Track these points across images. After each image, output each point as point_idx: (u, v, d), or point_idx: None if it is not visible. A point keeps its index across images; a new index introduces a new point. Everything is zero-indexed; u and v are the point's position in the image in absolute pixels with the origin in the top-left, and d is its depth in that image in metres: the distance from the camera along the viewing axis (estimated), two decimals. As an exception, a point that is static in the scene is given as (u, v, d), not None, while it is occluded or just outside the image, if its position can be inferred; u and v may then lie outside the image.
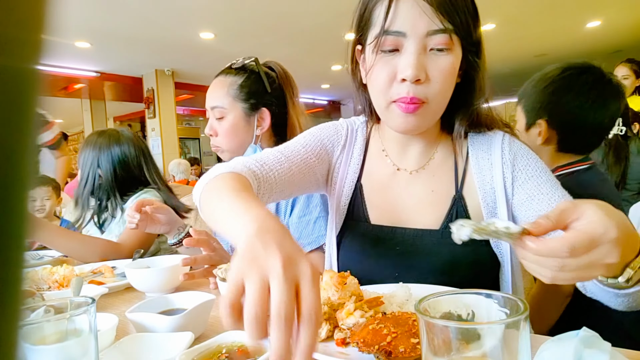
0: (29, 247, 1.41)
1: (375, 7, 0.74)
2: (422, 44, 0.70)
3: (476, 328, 0.36)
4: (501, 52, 6.75)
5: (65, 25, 4.60)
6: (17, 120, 0.14)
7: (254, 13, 4.75)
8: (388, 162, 0.89)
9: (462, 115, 0.82)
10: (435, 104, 0.75)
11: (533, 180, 0.77)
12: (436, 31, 0.69)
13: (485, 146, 0.83)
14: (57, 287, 1.06)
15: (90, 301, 0.52)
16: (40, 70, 0.14)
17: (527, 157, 0.80)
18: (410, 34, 0.70)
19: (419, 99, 0.72)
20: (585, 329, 0.49)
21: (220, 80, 1.27)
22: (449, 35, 0.70)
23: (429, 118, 0.77)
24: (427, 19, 0.69)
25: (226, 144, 1.26)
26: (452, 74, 0.73)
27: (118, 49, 5.79)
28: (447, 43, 0.70)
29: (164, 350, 0.64)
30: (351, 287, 0.70)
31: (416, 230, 0.82)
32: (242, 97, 1.24)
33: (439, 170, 0.85)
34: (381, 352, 0.54)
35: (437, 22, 0.69)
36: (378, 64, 0.75)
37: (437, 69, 0.71)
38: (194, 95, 8.43)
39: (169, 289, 1.02)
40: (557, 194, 0.75)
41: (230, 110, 1.24)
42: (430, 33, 0.70)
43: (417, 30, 0.70)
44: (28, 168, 0.14)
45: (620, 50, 6.82)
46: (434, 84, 0.72)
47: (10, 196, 0.14)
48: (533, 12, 5.19)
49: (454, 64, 0.73)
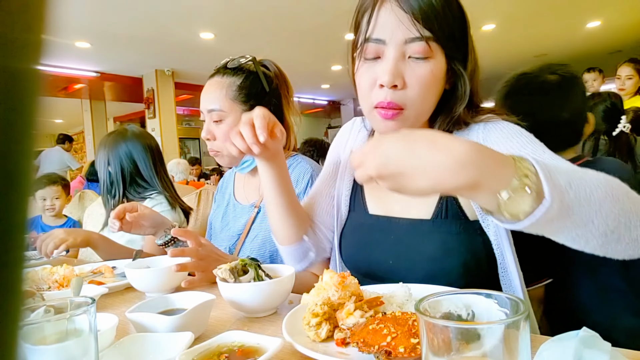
0: (29, 247, 1.41)
1: (364, 15, 0.78)
2: (401, 51, 0.73)
3: (476, 328, 0.36)
4: (501, 52, 6.75)
5: (65, 25, 4.60)
6: (17, 121, 0.14)
7: (254, 13, 4.76)
8: None
9: (440, 121, 0.84)
10: (414, 110, 0.76)
11: (502, 149, 0.75)
12: (413, 39, 0.71)
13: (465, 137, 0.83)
14: (57, 287, 1.06)
15: (90, 301, 0.52)
16: (40, 70, 0.14)
17: (500, 130, 0.79)
18: (389, 41, 0.73)
19: (397, 104, 0.75)
20: (585, 329, 0.49)
21: (217, 81, 1.21)
22: (427, 43, 0.71)
23: (409, 124, 0.78)
24: (405, 28, 0.71)
25: (226, 148, 1.20)
26: (431, 81, 0.74)
27: (118, 49, 5.79)
28: (424, 51, 0.72)
29: (164, 350, 0.64)
30: (351, 287, 0.70)
31: (409, 220, 0.86)
32: (241, 98, 1.20)
33: None
34: (381, 352, 0.54)
35: (413, 31, 0.71)
36: (361, 69, 0.78)
37: (415, 76, 0.73)
38: (194, 95, 8.42)
39: (169, 289, 1.03)
40: (527, 150, 0.73)
41: (229, 113, 1.19)
42: (407, 41, 0.72)
43: (395, 38, 0.72)
44: (28, 168, 0.14)
45: (620, 50, 6.82)
46: (411, 91, 0.74)
47: (11, 196, 0.14)
48: (533, 12, 5.19)
49: (434, 72, 0.74)
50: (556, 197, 0.50)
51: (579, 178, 0.53)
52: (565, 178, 0.52)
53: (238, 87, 1.20)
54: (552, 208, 0.50)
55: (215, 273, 0.84)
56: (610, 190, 0.54)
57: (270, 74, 1.26)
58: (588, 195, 0.52)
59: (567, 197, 0.51)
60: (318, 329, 0.64)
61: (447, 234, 0.81)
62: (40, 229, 2.55)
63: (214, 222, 1.43)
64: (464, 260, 0.79)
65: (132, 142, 1.63)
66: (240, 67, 1.22)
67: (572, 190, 0.51)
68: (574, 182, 0.52)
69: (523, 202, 0.50)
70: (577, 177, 0.53)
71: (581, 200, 0.52)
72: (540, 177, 0.50)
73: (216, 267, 0.85)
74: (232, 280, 0.82)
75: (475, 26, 0.80)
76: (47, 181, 2.60)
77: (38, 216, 2.62)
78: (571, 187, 0.52)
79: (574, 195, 0.51)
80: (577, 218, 0.52)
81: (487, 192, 0.50)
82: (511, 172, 0.50)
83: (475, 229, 0.81)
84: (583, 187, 0.52)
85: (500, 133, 0.79)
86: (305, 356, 0.60)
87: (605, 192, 0.53)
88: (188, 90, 7.95)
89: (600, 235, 0.54)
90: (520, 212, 0.50)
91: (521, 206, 0.50)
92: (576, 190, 0.52)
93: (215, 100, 1.19)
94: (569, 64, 1.23)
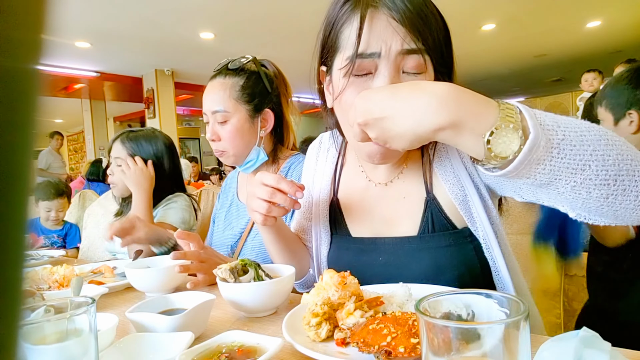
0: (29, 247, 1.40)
1: (343, 29, 0.71)
2: (395, 65, 0.67)
3: (476, 328, 0.36)
4: (501, 52, 6.75)
5: (65, 25, 4.60)
6: (17, 120, 0.14)
7: (254, 13, 4.76)
8: (364, 177, 0.90)
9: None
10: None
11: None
12: (409, 51, 0.66)
13: (444, 145, 0.82)
14: (57, 287, 1.06)
15: (90, 301, 0.52)
16: (40, 70, 0.14)
17: None
18: (383, 54, 0.67)
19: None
20: (585, 329, 0.49)
21: (220, 82, 1.22)
22: (422, 57, 0.67)
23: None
24: (400, 39, 0.66)
25: (232, 147, 1.22)
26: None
27: (118, 49, 5.79)
28: (420, 66, 0.68)
29: (164, 350, 0.64)
30: (351, 287, 0.70)
31: (395, 239, 0.82)
32: (244, 98, 1.21)
33: (408, 178, 0.85)
34: (381, 352, 0.54)
35: (409, 42, 0.66)
36: (349, 88, 0.70)
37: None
38: (194, 95, 8.42)
39: (169, 289, 1.03)
40: None
41: (234, 113, 1.20)
42: (403, 52, 0.66)
43: (389, 51, 0.66)
44: (28, 168, 0.14)
45: (620, 50, 6.82)
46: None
47: (11, 195, 0.14)
48: (533, 12, 5.19)
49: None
50: (541, 133, 0.48)
51: (567, 121, 0.51)
52: (551, 119, 0.51)
53: (241, 87, 1.21)
54: (538, 144, 0.48)
55: (215, 273, 0.84)
56: (604, 134, 0.51)
57: (270, 73, 1.28)
58: (579, 136, 0.50)
59: (555, 136, 0.49)
60: (318, 329, 0.64)
61: (436, 249, 0.78)
62: (40, 232, 2.55)
63: (217, 220, 1.44)
64: (458, 274, 0.77)
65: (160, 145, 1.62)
66: (241, 67, 1.23)
67: (559, 129, 0.50)
68: (562, 123, 0.51)
69: (510, 141, 0.49)
70: (566, 120, 0.52)
71: (572, 140, 0.50)
72: (524, 116, 0.50)
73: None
74: (232, 280, 0.83)
75: (475, 26, 0.80)
76: (55, 193, 2.58)
77: (37, 219, 2.61)
78: (559, 126, 0.50)
79: (562, 134, 0.50)
80: (570, 160, 0.49)
81: (471, 133, 0.50)
82: (494, 112, 0.50)
83: (465, 237, 0.79)
84: (572, 127, 0.50)
85: None
86: (305, 356, 0.60)
87: (598, 135, 0.51)
88: (188, 90, 7.96)
89: (602, 183, 0.50)
90: (509, 152, 0.49)
91: (509, 145, 0.49)
92: (564, 129, 0.50)
93: (219, 102, 1.20)
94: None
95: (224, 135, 1.22)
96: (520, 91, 10.56)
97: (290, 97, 1.34)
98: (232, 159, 1.25)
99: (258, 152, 1.25)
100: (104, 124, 8.74)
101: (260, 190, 0.79)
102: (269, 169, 1.30)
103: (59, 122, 11.69)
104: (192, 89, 7.95)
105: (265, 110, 1.25)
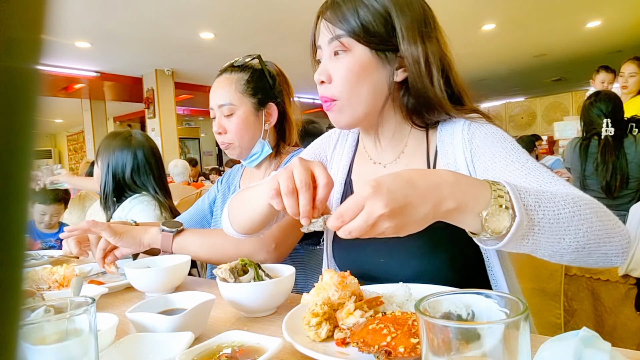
0: (29, 247, 1.41)
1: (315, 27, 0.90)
2: (328, 52, 0.85)
3: (476, 328, 0.36)
4: (501, 52, 6.75)
5: (65, 25, 4.60)
6: (17, 121, 0.14)
7: (254, 13, 4.76)
8: (368, 159, 0.97)
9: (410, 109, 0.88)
10: (347, 100, 0.84)
11: (488, 152, 0.80)
12: (331, 39, 0.83)
13: (449, 132, 0.87)
14: (57, 287, 1.06)
15: (90, 301, 0.52)
16: (40, 70, 0.14)
17: (485, 133, 0.82)
18: (322, 45, 0.86)
19: (326, 97, 0.86)
20: (585, 329, 0.49)
21: (226, 77, 1.28)
22: (338, 40, 0.82)
23: (348, 113, 0.86)
24: (328, 32, 0.83)
25: (238, 139, 1.26)
26: (349, 71, 0.83)
27: (118, 49, 5.79)
28: (338, 46, 0.83)
29: (164, 350, 0.64)
30: (351, 287, 0.70)
31: None
32: (249, 92, 1.26)
33: (412, 159, 0.91)
34: (381, 352, 0.54)
35: (329, 33, 0.83)
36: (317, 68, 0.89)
37: (335, 70, 0.84)
38: (194, 95, 8.42)
39: (169, 289, 1.03)
40: (512, 158, 0.76)
41: (239, 106, 1.25)
42: (329, 41, 0.84)
43: (322, 43, 0.86)
44: (28, 168, 0.14)
45: (620, 50, 6.82)
46: (335, 83, 0.84)
47: (10, 196, 0.14)
48: (533, 12, 5.19)
49: (351, 63, 0.83)
50: (525, 214, 0.56)
51: (547, 199, 0.59)
52: (534, 198, 0.59)
53: (246, 81, 1.26)
54: (522, 225, 0.56)
55: (216, 273, 0.84)
56: (578, 209, 0.60)
57: (272, 71, 1.33)
58: (557, 214, 0.59)
59: (536, 215, 0.58)
60: (318, 329, 0.64)
61: (432, 229, 0.80)
62: (36, 236, 2.55)
63: (216, 211, 1.46)
64: (450, 254, 0.83)
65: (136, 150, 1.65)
66: (246, 64, 1.29)
67: (540, 209, 0.58)
68: (543, 202, 0.59)
69: (502, 219, 0.56)
70: (546, 198, 0.59)
71: (550, 218, 0.58)
72: (511, 196, 0.57)
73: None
74: (232, 280, 0.83)
75: (475, 26, 0.81)
76: (53, 199, 2.56)
77: (31, 221, 2.61)
78: (539, 206, 0.58)
79: (542, 214, 0.58)
80: (549, 235, 0.59)
81: (471, 213, 0.57)
82: (488, 194, 0.57)
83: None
84: (551, 206, 0.59)
85: (485, 136, 0.82)
86: (305, 356, 0.60)
87: (572, 211, 0.59)
88: (188, 90, 7.95)
89: (573, 251, 0.61)
90: (502, 228, 0.56)
91: (502, 222, 0.56)
92: (544, 208, 0.58)
93: (226, 96, 1.25)
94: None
95: (230, 128, 1.26)
96: (520, 91, 10.56)
97: (292, 96, 1.39)
98: (237, 150, 1.29)
99: (263, 145, 1.28)
100: (104, 124, 8.74)
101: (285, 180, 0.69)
102: (271, 163, 1.34)
103: (59, 122, 11.70)
104: (192, 89, 7.95)
105: (270, 104, 1.29)
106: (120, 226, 1.16)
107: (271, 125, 1.30)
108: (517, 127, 9.54)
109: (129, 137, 1.68)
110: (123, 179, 1.64)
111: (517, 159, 0.76)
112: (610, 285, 2.08)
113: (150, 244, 1.16)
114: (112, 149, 1.64)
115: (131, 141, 1.66)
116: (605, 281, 2.08)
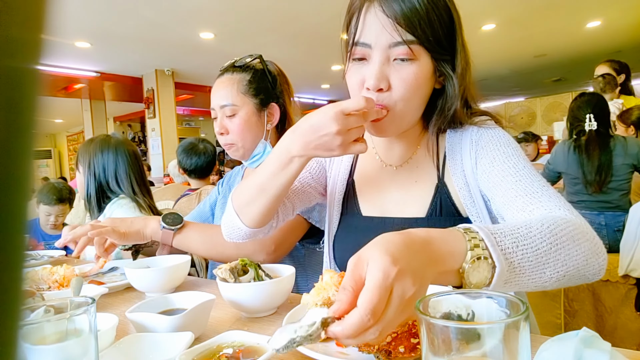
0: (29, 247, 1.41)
1: (353, 17, 0.79)
2: (385, 55, 0.75)
3: (476, 328, 0.36)
4: (501, 53, 6.74)
5: (65, 25, 4.60)
6: (17, 120, 0.14)
7: (254, 13, 4.75)
8: (377, 159, 0.95)
9: (435, 119, 0.85)
10: (399, 111, 0.77)
11: (489, 156, 0.79)
12: (397, 43, 0.73)
13: (458, 137, 0.86)
14: (57, 287, 1.06)
15: (90, 301, 0.52)
16: (40, 70, 0.14)
17: (490, 136, 0.82)
18: (374, 45, 0.75)
19: (383, 106, 0.76)
20: (585, 329, 0.49)
21: (228, 77, 1.27)
22: (409, 47, 0.73)
23: (396, 124, 0.80)
24: (387, 33, 0.73)
25: (240, 140, 1.26)
26: (414, 82, 0.76)
27: (118, 49, 5.79)
28: (407, 54, 0.74)
29: (164, 350, 0.64)
30: (351, 287, 0.70)
31: (404, 220, 0.86)
32: (251, 92, 1.25)
33: (421, 163, 0.89)
34: (381, 352, 0.54)
35: (396, 36, 0.73)
36: (351, 70, 0.80)
37: (399, 78, 0.75)
38: (194, 95, 8.42)
39: (169, 289, 1.03)
40: (509, 163, 0.76)
41: (241, 107, 1.24)
42: (392, 45, 0.74)
43: (379, 43, 0.74)
44: (28, 168, 0.14)
45: (620, 50, 6.82)
46: (396, 92, 0.76)
47: (10, 196, 0.14)
48: (533, 12, 5.18)
49: (417, 73, 0.76)
50: (504, 261, 0.53)
51: (523, 235, 0.57)
52: (510, 239, 0.56)
53: (248, 81, 1.26)
54: (503, 273, 0.53)
55: (216, 273, 0.84)
56: (555, 239, 0.59)
57: (273, 71, 1.33)
58: (535, 250, 0.57)
59: (515, 258, 0.55)
60: (318, 329, 0.64)
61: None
62: (40, 237, 2.54)
63: (217, 212, 1.46)
64: None
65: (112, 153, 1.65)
66: (247, 65, 1.28)
67: (519, 250, 0.56)
68: (520, 241, 0.56)
69: (482, 270, 0.53)
70: (522, 235, 0.57)
71: (529, 257, 0.56)
72: (487, 244, 0.53)
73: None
74: (232, 280, 0.83)
75: (475, 26, 0.81)
76: (57, 199, 2.55)
77: (36, 221, 2.60)
78: (517, 247, 0.56)
79: (521, 254, 0.56)
80: (530, 273, 0.57)
81: (453, 270, 0.53)
82: (463, 246, 0.53)
83: None
84: (529, 244, 0.57)
85: (490, 139, 0.82)
86: (305, 356, 0.60)
87: (550, 243, 0.58)
88: (188, 90, 7.95)
89: (554, 282, 0.60)
90: (484, 279, 0.53)
91: (482, 274, 0.53)
92: (523, 248, 0.56)
93: (227, 96, 1.25)
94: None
95: (233, 129, 1.25)
96: (520, 91, 10.55)
97: (293, 96, 1.38)
98: (240, 151, 1.28)
99: (265, 146, 1.28)
100: (104, 124, 8.74)
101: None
102: None
103: (59, 122, 11.69)
104: (192, 89, 7.95)
105: (272, 104, 1.29)
106: (121, 225, 1.16)
107: (273, 125, 1.30)
108: (517, 127, 9.53)
109: (106, 138, 1.69)
110: (105, 180, 1.64)
111: (514, 165, 0.75)
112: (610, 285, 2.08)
113: (152, 237, 1.18)
114: (92, 151, 1.64)
115: (110, 142, 1.67)
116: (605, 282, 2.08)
